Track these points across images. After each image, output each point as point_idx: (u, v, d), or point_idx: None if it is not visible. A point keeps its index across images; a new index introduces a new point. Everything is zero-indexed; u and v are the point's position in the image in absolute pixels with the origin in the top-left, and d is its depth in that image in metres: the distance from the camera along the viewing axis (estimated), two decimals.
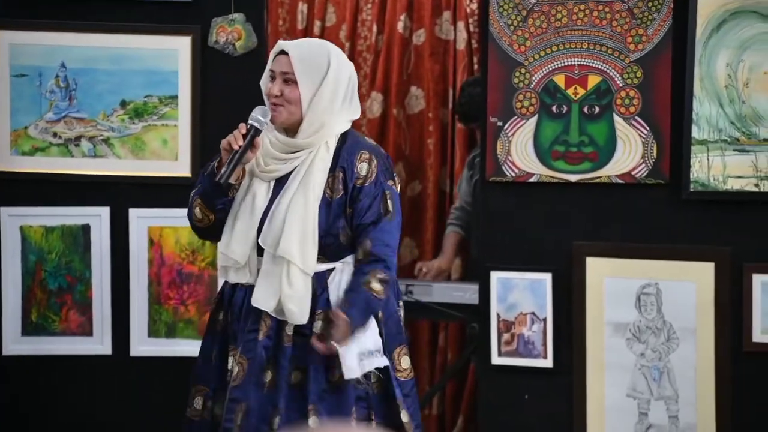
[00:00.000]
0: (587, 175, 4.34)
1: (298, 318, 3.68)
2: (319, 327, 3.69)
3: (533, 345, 4.40)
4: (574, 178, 4.35)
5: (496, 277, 4.42)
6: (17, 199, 4.62)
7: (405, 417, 3.74)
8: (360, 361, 3.67)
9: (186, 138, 4.59)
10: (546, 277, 4.38)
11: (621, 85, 4.30)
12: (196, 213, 3.80)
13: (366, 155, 3.74)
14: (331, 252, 3.73)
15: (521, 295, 4.41)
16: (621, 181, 4.31)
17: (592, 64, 4.32)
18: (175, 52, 4.57)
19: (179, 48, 4.57)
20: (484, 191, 4.49)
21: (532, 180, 4.38)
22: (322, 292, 3.71)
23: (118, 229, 4.60)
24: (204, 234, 3.91)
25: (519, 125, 4.38)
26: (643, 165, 4.28)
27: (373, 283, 3.68)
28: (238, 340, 3.75)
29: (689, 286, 4.26)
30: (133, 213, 4.60)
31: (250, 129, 3.69)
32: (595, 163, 4.33)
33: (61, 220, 4.62)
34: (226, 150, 3.70)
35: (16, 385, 4.65)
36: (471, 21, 5.85)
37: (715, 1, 4.20)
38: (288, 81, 3.71)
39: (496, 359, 4.44)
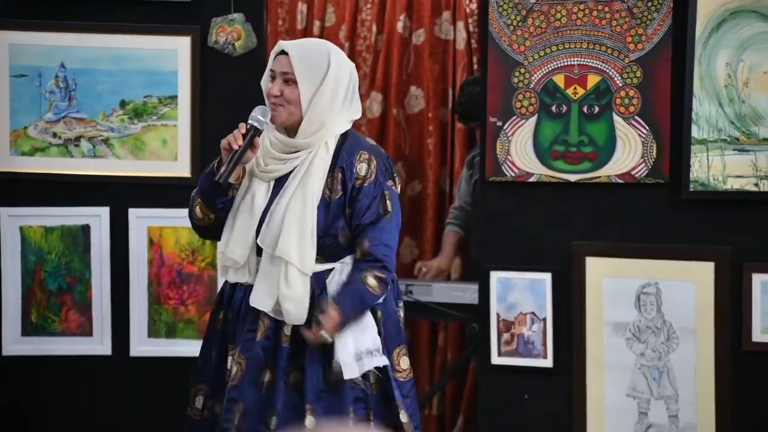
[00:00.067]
0: (587, 175, 4.34)
1: (296, 318, 3.68)
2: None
3: (533, 345, 4.40)
4: (573, 177, 4.35)
5: (496, 276, 4.42)
6: (17, 200, 4.62)
7: (404, 417, 3.73)
8: (359, 360, 3.67)
9: (186, 138, 4.58)
10: (546, 277, 4.38)
11: (620, 84, 4.30)
12: (197, 212, 3.80)
13: (365, 155, 3.74)
14: (330, 252, 3.73)
15: (521, 294, 4.41)
16: (621, 181, 4.31)
17: (591, 64, 4.32)
18: (174, 53, 4.57)
19: (179, 48, 4.57)
20: (483, 191, 4.49)
21: (532, 180, 4.38)
22: (321, 293, 3.71)
23: (117, 229, 4.60)
24: (204, 233, 3.92)
25: (518, 125, 4.38)
26: (643, 165, 4.28)
27: (368, 279, 3.67)
28: (237, 339, 3.75)
29: (689, 285, 4.26)
30: (132, 213, 4.60)
31: (250, 129, 3.69)
32: (595, 162, 4.33)
33: (61, 220, 4.62)
34: (226, 149, 3.69)
35: (16, 385, 4.65)
36: (470, 21, 5.85)
37: (715, 0, 4.20)
38: (288, 81, 3.71)
39: (496, 359, 4.44)
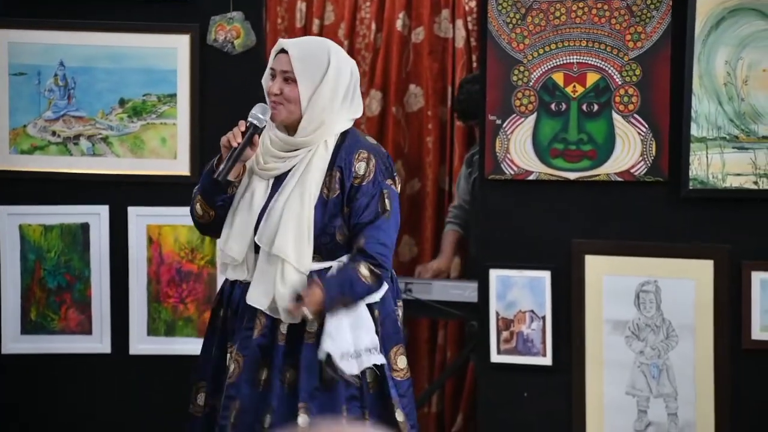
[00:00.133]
0: (586, 173, 4.34)
1: (292, 317, 3.68)
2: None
3: (532, 343, 4.40)
4: (573, 176, 4.35)
5: (495, 275, 4.42)
6: (16, 198, 4.62)
7: (400, 416, 3.72)
8: (358, 357, 3.66)
9: (185, 136, 4.58)
10: (545, 275, 4.38)
11: (620, 82, 4.30)
12: (197, 209, 3.81)
13: (364, 154, 3.73)
14: (327, 251, 3.72)
15: (520, 293, 4.40)
16: (620, 179, 4.31)
17: (590, 62, 4.32)
18: (173, 51, 4.57)
19: (178, 46, 4.57)
20: (482, 189, 4.49)
21: (531, 178, 4.38)
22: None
23: (117, 227, 4.60)
24: (205, 230, 3.92)
25: (518, 123, 4.38)
26: (642, 163, 4.28)
27: (361, 268, 3.65)
28: (235, 337, 3.76)
29: (688, 283, 4.26)
30: (132, 211, 4.60)
31: (250, 126, 3.69)
32: (594, 161, 4.33)
33: (60, 218, 4.62)
34: (226, 147, 3.70)
35: (15, 383, 4.65)
36: (470, 19, 5.85)
37: None
38: (288, 79, 3.70)
39: (496, 357, 4.44)
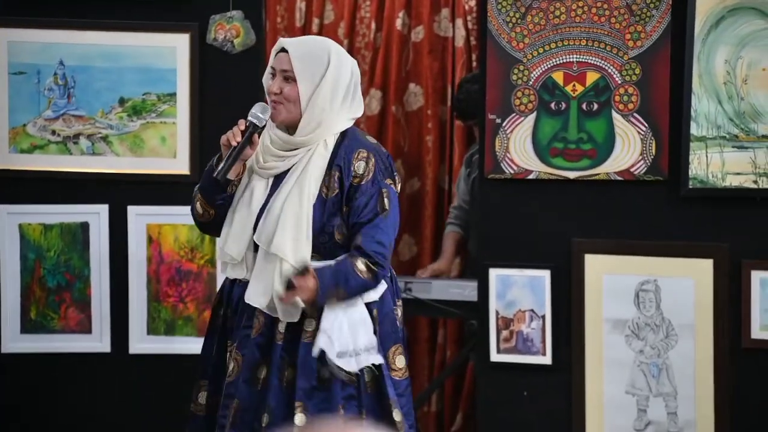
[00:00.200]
0: (586, 172, 4.34)
1: (290, 316, 3.67)
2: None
3: (532, 342, 4.40)
4: (572, 175, 4.35)
5: (495, 274, 4.42)
6: (16, 197, 4.62)
7: (397, 416, 3.70)
8: (357, 356, 3.66)
9: (184, 135, 4.58)
10: (545, 274, 4.38)
11: (619, 81, 4.29)
12: (197, 208, 3.81)
13: (363, 154, 3.73)
14: (326, 250, 3.72)
15: (520, 292, 4.40)
16: (620, 178, 4.31)
17: (590, 61, 4.32)
18: (173, 50, 4.57)
19: (177, 45, 4.57)
20: (482, 188, 4.48)
21: (531, 177, 4.37)
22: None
23: (116, 226, 4.60)
24: (205, 229, 3.92)
25: (517, 122, 4.38)
26: (642, 162, 4.28)
27: (357, 262, 3.65)
28: (234, 336, 3.76)
29: (688, 282, 4.26)
30: (131, 210, 4.60)
31: (249, 125, 3.69)
32: (594, 160, 4.33)
33: (60, 217, 4.62)
34: (226, 146, 3.70)
35: (15, 382, 4.65)
36: (469, 18, 5.85)
37: None
38: (288, 79, 3.70)
39: (495, 356, 4.44)
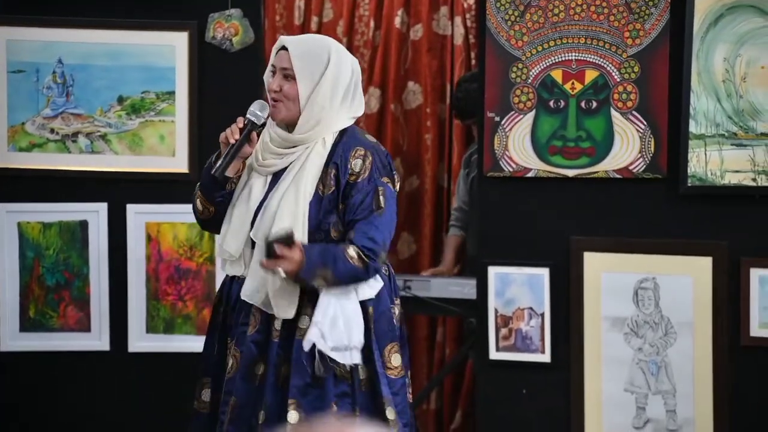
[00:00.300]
0: (585, 170, 4.34)
1: (285, 312, 3.67)
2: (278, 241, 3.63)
3: (531, 340, 4.40)
4: (571, 173, 4.35)
5: (494, 272, 4.42)
6: (15, 196, 4.61)
7: (391, 414, 3.69)
8: (347, 350, 3.64)
9: (183, 134, 4.58)
10: (544, 272, 4.38)
11: (618, 79, 4.30)
12: (198, 205, 3.82)
13: (361, 152, 3.72)
14: None
15: (519, 290, 4.40)
16: (618, 176, 4.31)
17: (589, 59, 4.32)
18: (172, 48, 4.57)
19: (176, 44, 4.57)
20: (481, 186, 4.49)
21: (530, 175, 4.38)
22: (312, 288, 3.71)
23: (115, 225, 4.60)
24: (206, 226, 3.93)
25: (516, 120, 4.38)
26: (641, 160, 4.28)
27: (349, 248, 3.64)
28: (233, 332, 3.77)
29: (687, 280, 4.26)
30: (130, 209, 4.60)
31: (247, 123, 3.69)
32: (593, 158, 4.33)
33: (59, 216, 4.62)
34: (224, 143, 3.71)
35: (14, 381, 4.65)
36: (468, 16, 5.85)
37: None
38: (287, 77, 3.70)
39: (494, 354, 4.44)
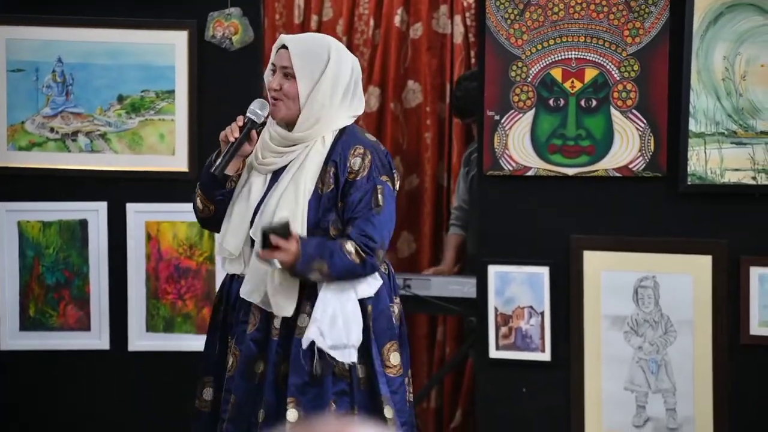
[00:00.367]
0: (584, 169, 4.34)
1: (284, 310, 3.67)
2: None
3: (531, 338, 4.40)
4: (571, 171, 4.35)
5: (494, 270, 4.42)
6: (14, 195, 4.61)
7: (389, 413, 3.69)
8: (346, 348, 3.64)
9: (183, 132, 4.58)
10: (543, 271, 4.38)
11: (618, 78, 4.29)
12: (198, 203, 3.83)
13: (360, 150, 3.72)
14: None
15: (519, 288, 4.41)
16: (618, 175, 4.31)
17: (589, 58, 4.32)
18: (171, 47, 4.57)
19: (176, 42, 4.56)
20: (481, 185, 4.49)
21: (530, 174, 4.37)
22: (310, 285, 3.71)
23: (115, 224, 4.60)
24: (206, 224, 3.94)
25: (516, 119, 4.38)
26: (641, 158, 4.28)
27: (346, 243, 3.65)
28: (233, 331, 3.77)
29: (686, 279, 4.26)
30: (130, 208, 4.60)
31: (247, 122, 3.70)
32: (593, 156, 4.33)
33: (59, 215, 4.62)
34: (224, 142, 3.72)
35: (14, 380, 4.65)
36: (468, 15, 5.85)
37: None
38: (287, 75, 3.71)
39: (494, 353, 4.44)
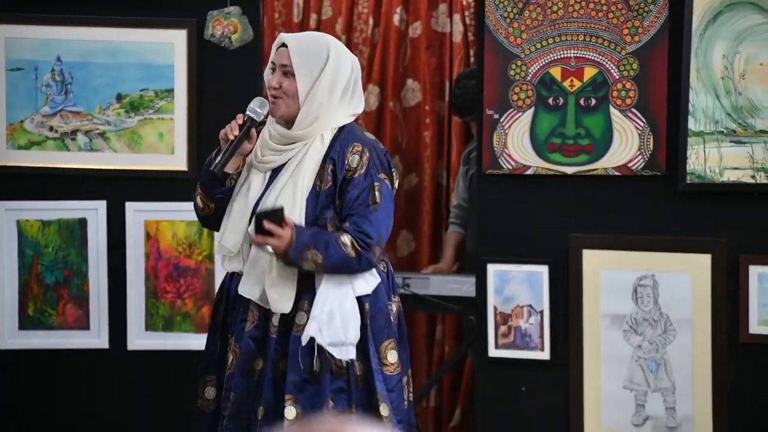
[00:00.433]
0: (584, 168, 4.34)
1: (281, 307, 3.68)
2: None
3: (530, 337, 4.40)
4: (570, 170, 4.35)
5: (493, 269, 4.42)
6: (13, 194, 4.61)
7: (384, 411, 3.70)
8: (344, 345, 3.65)
9: (182, 131, 4.58)
10: (543, 270, 4.38)
11: (617, 77, 4.29)
12: (198, 202, 3.84)
13: (358, 147, 3.73)
14: None
15: (518, 287, 4.40)
16: (617, 173, 4.31)
17: (588, 56, 4.32)
18: (170, 46, 4.57)
19: (175, 41, 4.56)
20: (480, 184, 4.49)
21: (529, 172, 4.37)
22: (308, 283, 3.71)
23: (114, 222, 4.60)
24: (206, 223, 3.94)
25: (515, 118, 4.38)
26: (640, 157, 4.28)
27: (343, 235, 3.66)
28: (232, 329, 3.78)
29: (686, 277, 4.26)
30: (129, 207, 4.60)
31: (247, 120, 3.71)
32: (592, 155, 4.33)
33: (58, 214, 4.62)
34: (224, 140, 3.73)
35: (13, 379, 4.65)
36: (467, 13, 5.85)
37: None
38: (287, 74, 3.72)
39: (493, 352, 4.44)
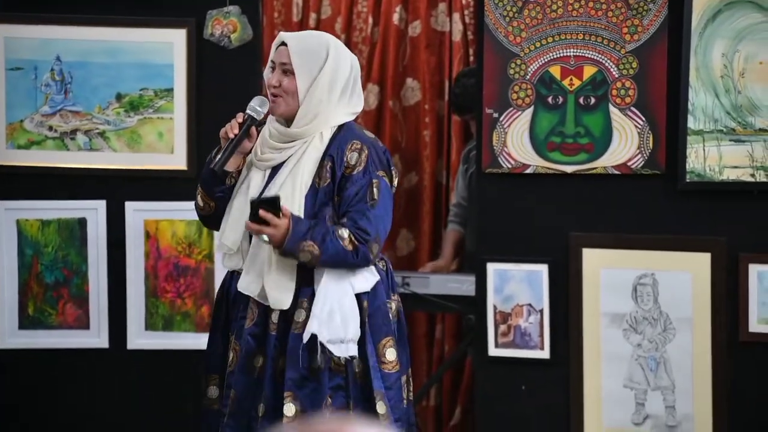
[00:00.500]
0: (583, 166, 4.34)
1: (280, 303, 3.69)
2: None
3: (530, 336, 4.40)
4: (570, 169, 4.35)
5: (493, 268, 4.42)
6: (13, 193, 4.61)
7: (381, 409, 3.70)
8: (344, 342, 3.65)
9: (182, 131, 4.58)
10: (542, 269, 4.38)
11: (617, 75, 4.29)
12: (199, 200, 3.86)
13: (357, 145, 3.74)
14: None
15: (518, 286, 4.41)
16: (617, 172, 4.31)
17: (587, 55, 4.32)
18: (170, 45, 4.57)
19: (174, 41, 4.56)
20: (480, 183, 4.49)
21: (528, 171, 4.37)
22: (307, 279, 3.72)
23: (114, 222, 4.60)
24: (207, 221, 3.95)
25: (515, 116, 4.38)
26: (639, 156, 4.28)
27: (340, 229, 3.67)
28: (233, 326, 3.79)
29: (685, 276, 4.26)
30: (129, 206, 4.60)
31: (247, 118, 3.72)
32: (591, 154, 4.33)
33: (58, 213, 4.62)
34: (224, 138, 3.74)
35: (13, 378, 4.65)
36: (466, 12, 5.85)
37: None
38: (286, 72, 3.73)
39: (493, 351, 4.44)
